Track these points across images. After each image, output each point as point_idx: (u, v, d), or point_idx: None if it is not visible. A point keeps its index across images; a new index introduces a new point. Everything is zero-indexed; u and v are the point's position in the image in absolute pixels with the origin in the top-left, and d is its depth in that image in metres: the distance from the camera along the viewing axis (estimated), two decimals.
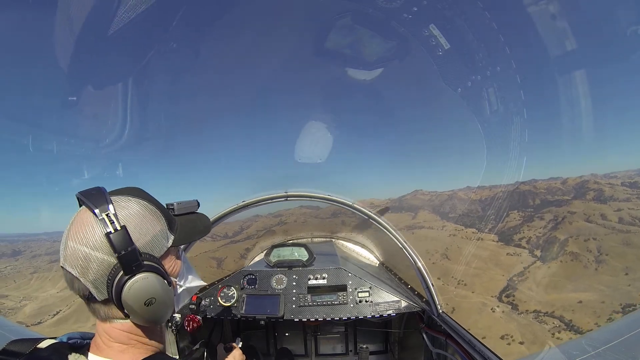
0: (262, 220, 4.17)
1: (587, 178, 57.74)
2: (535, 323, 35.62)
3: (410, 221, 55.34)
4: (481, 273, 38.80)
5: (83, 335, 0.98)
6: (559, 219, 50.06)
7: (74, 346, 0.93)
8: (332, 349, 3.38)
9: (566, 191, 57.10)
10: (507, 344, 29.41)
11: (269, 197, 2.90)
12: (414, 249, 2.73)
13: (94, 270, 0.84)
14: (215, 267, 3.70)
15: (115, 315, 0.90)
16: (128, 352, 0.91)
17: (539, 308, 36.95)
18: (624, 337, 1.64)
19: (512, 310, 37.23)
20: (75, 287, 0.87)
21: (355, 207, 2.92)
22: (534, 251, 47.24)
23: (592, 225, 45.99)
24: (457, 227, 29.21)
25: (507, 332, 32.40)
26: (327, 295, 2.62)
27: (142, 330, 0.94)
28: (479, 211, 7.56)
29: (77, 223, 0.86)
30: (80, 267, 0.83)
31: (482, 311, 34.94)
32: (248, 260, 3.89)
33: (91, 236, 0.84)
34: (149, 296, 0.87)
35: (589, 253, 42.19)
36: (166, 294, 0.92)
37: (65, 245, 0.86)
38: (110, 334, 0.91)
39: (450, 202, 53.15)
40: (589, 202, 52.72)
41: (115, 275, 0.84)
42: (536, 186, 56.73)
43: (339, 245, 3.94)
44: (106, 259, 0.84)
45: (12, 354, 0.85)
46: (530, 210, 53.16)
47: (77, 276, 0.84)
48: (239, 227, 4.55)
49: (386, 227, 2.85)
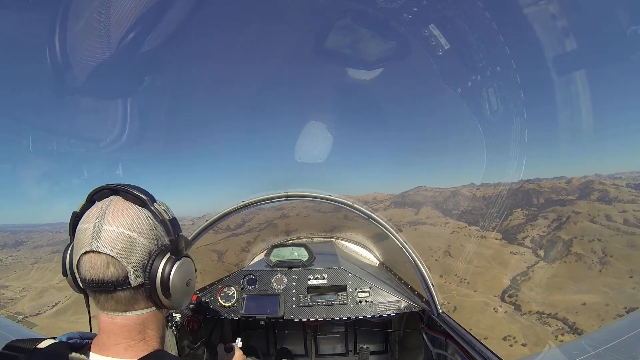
0: (264, 213, 4.17)
1: (591, 178, 57.28)
2: (538, 325, 35.31)
3: (413, 217, 55.19)
4: (484, 272, 38.58)
5: (82, 335, 0.99)
6: (564, 219, 49.66)
7: (74, 346, 0.93)
8: (332, 349, 3.38)
9: (571, 191, 56.67)
10: (509, 346, 29.16)
11: (268, 197, 2.92)
12: (414, 248, 2.73)
13: (138, 254, 0.90)
14: (216, 260, 3.70)
15: (139, 305, 0.94)
16: (132, 349, 0.92)
17: (542, 309, 36.65)
18: (624, 337, 1.63)
19: (515, 310, 36.96)
20: (108, 272, 0.87)
21: (355, 207, 2.93)
22: (537, 251, 46.94)
23: (596, 226, 45.59)
24: (459, 225, 29.19)
25: (510, 333, 32.15)
26: (327, 295, 2.62)
27: (154, 322, 0.98)
28: (482, 208, 7.50)
29: (116, 211, 0.91)
30: (123, 250, 0.87)
31: (484, 311, 34.72)
32: (249, 254, 3.89)
33: (137, 222, 0.91)
34: (188, 277, 1.02)
35: (593, 254, 41.81)
36: (195, 278, 1.09)
37: (99, 230, 0.87)
38: (122, 329, 0.91)
39: (453, 198, 53.00)
40: (593, 203, 52.35)
41: (158, 259, 0.93)
42: (540, 185, 56.39)
43: (339, 245, 3.95)
44: (148, 245, 0.93)
45: (12, 354, 0.86)
46: (534, 209, 52.83)
47: (118, 258, 0.87)
48: (241, 219, 4.54)
49: (386, 227, 2.86)
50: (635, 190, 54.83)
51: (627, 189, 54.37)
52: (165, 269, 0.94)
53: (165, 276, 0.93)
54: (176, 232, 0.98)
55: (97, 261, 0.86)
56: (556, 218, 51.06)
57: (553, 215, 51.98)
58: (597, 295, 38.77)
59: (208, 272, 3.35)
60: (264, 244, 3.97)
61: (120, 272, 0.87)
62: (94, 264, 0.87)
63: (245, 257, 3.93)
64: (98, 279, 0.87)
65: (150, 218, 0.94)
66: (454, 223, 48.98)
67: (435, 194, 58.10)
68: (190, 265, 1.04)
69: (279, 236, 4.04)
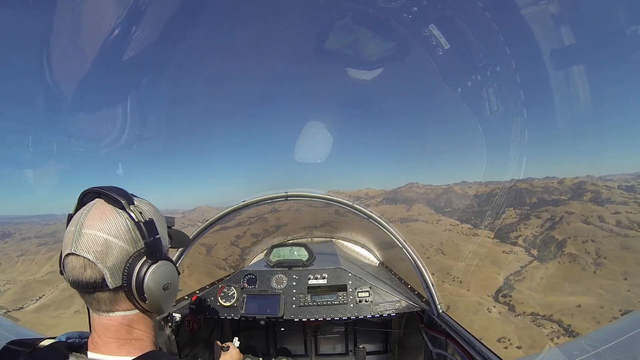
0: (255, 207, 4.15)
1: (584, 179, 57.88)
2: (533, 326, 35.47)
3: (405, 214, 55.32)
4: (477, 270, 38.73)
5: (81, 335, 1.00)
6: (557, 219, 50.07)
7: (73, 345, 0.94)
8: (332, 349, 3.38)
9: (563, 191, 57.16)
10: (504, 348, 29.23)
11: (268, 197, 2.91)
12: (414, 248, 2.73)
13: (114, 257, 0.89)
14: (205, 254, 3.64)
15: (120, 307, 0.94)
16: (125, 347, 0.93)
17: (536, 310, 36.87)
18: (624, 337, 1.64)
19: (509, 311, 37.13)
20: (86, 274, 0.88)
21: (355, 207, 2.92)
22: (530, 250, 47.30)
23: (590, 227, 46.05)
24: (452, 222, 29.27)
25: (504, 334, 32.27)
26: (327, 295, 2.62)
27: (141, 323, 0.98)
28: (474, 207, 7.51)
29: (96, 213, 0.92)
30: (99, 253, 0.88)
31: (478, 311, 34.81)
32: (241, 252, 3.85)
33: (114, 225, 0.91)
34: (167, 281, 0.99)
35: (587, 255, 42.21)
36: (176, 282, 1.05)
37: (78, 233, 0.89)
38: (108, 328, 0.93)
39: (445, 196, 53.19)
40: (586, 204, 52.90)
41: (134, 262, 0.92)
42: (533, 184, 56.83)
43: (339, 245, 3.95)
44: (125, 248, 0.91)
45: (12, 354, 0.86)
46: (526, 209, 53.24)
47: (94, 261, 0.87)
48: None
49: (386, 227, 2.86)
50: (627, 192, 55.53)
51: (619, 190, 55.08)
52: (140, 273, 0.92)
53: (140, 280, 0.92)
54: (152, 234, 0.95)
55: (77, 263, 0.88)
56: (549, 218, 51.49)
57: (546, 215, 52.41)
58: (591, 297, 39.06)
59: (197, 265, 3.31)
60: (262, 245, 3.95)
61: (97, 274, 0.88)
62: (74, 265, 0.89)
63: (234, 251, 3.88)
64: (78, 279, 0.89)
65: (128, 220, 0.93)
66: (447, 220, 49.29)
67: (427, 191, 58.18)
68: (168, 268, 1.00)
69: (269, 231, 3.98)
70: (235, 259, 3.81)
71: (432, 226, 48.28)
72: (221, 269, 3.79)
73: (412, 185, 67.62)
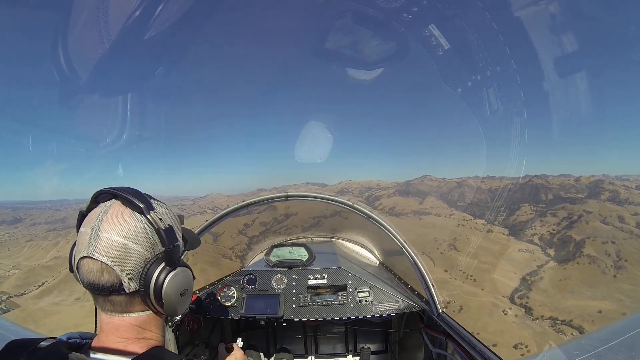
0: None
1: (600, 178, 55.76)
2: (552, 332, 34.02)
3: (417, 206, 54.34)
4: (491, 268, 37.54)
5: (82, 335, 1.01)
6: (574, 218, 48.33)
7: (73, 345, 0.95)
8: (332, 349, 3.38)
9: (580, 189, 55.30)
10: (521, 355, 27.90)
11: (269, 197, 2.96)
12: (414, 248, 2.73)
13: (132, 262, 0.90)
14: (212, 243, 3.70)
15: (135, 308, 0.96)
16: (131, 347, 0.94)
17: (555, 314, 35.49)
18: (624, 337, 1.62)
19: (526, 314, 35.82)
20: (103, 278, 0.89)
21: (355, 207, 2.94)
22: (547, 249, 45.79)
23: (609, 228, 44.27)
24: (465, 217, 28.43)
25: (521, 340, 31.03)
26: (327, 295, 2.63)
27: (152, 324, 1.00)
28: (488, 201, 7.32)
29: (114, 216, 0.92)
30: (117, 258, 0.88)
31: (493, 313, 33.78)
32: (249, 241, 3.87)
33: (133, 230, 0.91)
34: (184, 287, 1.01)
35: (607, 257, 40.54)
36: (192, 286, 1.07)
37: (95, 236, 0.89)
38: (119, 329, 0.94)
39: (459, 189, 52.03)
40: (604, 203, 51.02)
41: (153, 268, 0.93)
42: (548, 181, 55.04)
43: (339, 245, 3.95)
44: (144, 253, 0.92)
45: (13, 354, 0.86)
46: (542, 206, 51.58)
47: (112, 266, 0.88)
48: (241, 200, 4.58)
49: (386, 227, 2.86)
50: None
51: (638, 191, 52.92)
52: (159, 279, 0.93)
53: (159, 286, 0.93)
54: (171, 242, 0.96)
55: (93, 267, 0.89)
56: (567, 216, 49.76)
57: (563, 212, 50.64)
58: (613, 302, 37.31)
59: (203, 254, 3.35)
60: (264, 244, 4.00)
61: (114, 279, 0.89)
62: (90, 269, 0.89)
63: (242, 239, 3.90)
64: (94, 283, 0.89)
65: (147, 225, 0.94)
66: (459, 215, 47.99)
67: (441, 184, 56.98)
68: (186, 275, 1.02)
69: (279, 220, 3.96)
70: (242, 247, 3.87)
71: (445, 220, 47.06)
72: (227, 258, 3.85)
73: (425, 178, 66.22)
